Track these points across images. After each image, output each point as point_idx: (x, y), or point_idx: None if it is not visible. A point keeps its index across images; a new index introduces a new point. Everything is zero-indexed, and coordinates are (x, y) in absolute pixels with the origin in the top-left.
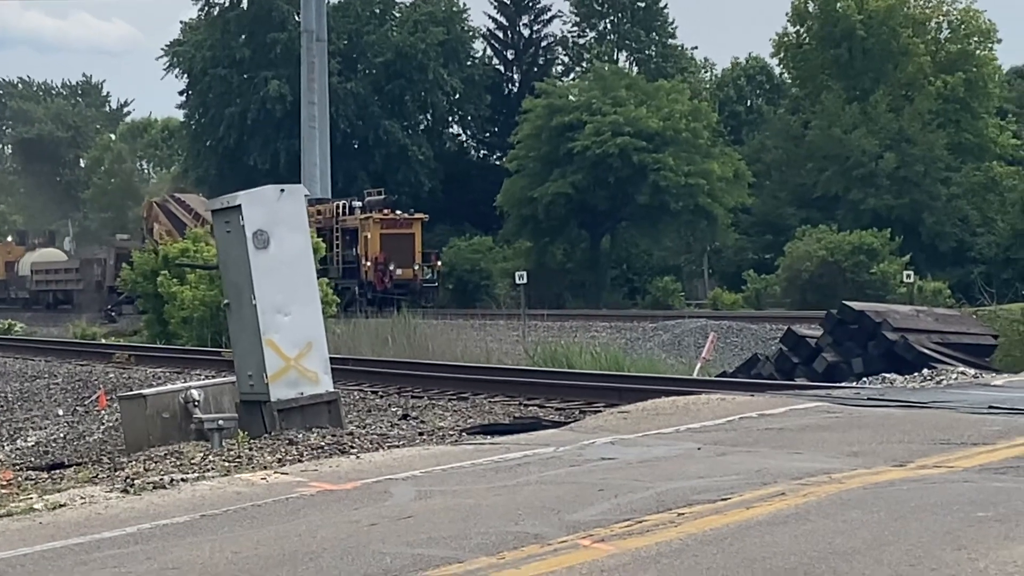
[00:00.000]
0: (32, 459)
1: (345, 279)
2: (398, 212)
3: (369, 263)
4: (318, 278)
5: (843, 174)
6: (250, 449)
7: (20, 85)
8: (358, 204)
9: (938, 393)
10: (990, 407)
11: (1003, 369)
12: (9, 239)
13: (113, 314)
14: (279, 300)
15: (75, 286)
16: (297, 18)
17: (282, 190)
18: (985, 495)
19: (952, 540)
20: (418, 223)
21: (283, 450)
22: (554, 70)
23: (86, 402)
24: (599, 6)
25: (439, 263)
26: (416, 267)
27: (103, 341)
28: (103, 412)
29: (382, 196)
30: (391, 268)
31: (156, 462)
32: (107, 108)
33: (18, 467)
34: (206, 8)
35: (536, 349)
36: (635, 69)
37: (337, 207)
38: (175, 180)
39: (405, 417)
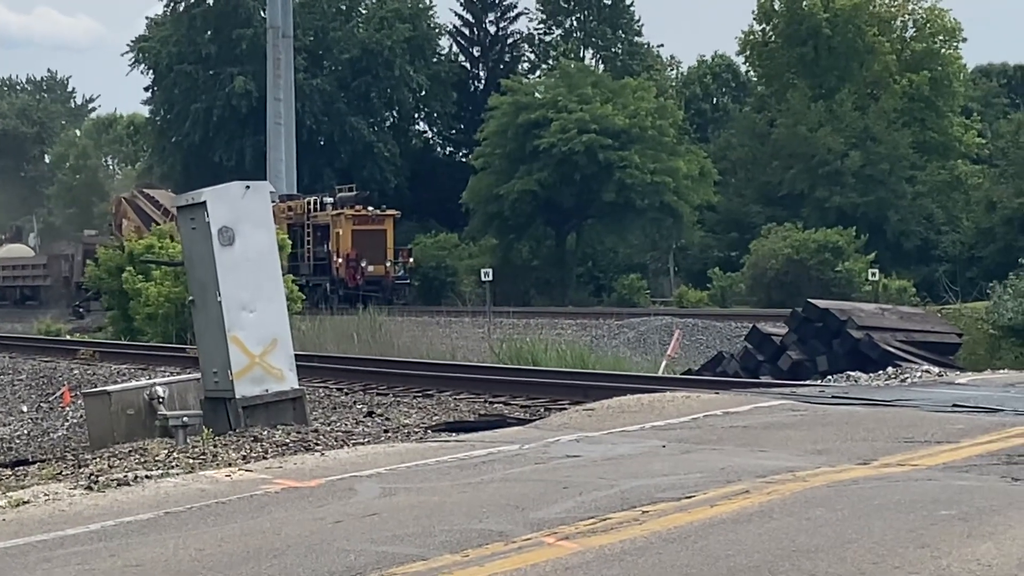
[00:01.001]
0: None
1: (316, 276)
2: (370, 208)
3: (341, 260)
4: (289, 275)
5: (809, 172)
6: (215, 446)
7: None
8: (330, 200)
9: (902, 391)
10: (954, 405)
11: (967, 367)
12: None
13: (81, 310)
14: (244, 297)
15: (42, 282)
16: (263, 14)
17: (247, 187)
18: (948, 493)
19: (915, 538)
20: (390, 219)
21: (248, 447)
22: (520, 67)
23: (50, 399)
24: (565, 3)
25: (411, 260)
26: (388, 264)
27: (68, 337)
28: (67, 409)
29: (354, 192)
30: (363, 265)
31: (120, 459)
32: (72, 104)
33: None
34: (172, 4)
35: (501, 346)
36: (601, 67)
37: (308, 203)
38: (140, 176)
39: (370, 414)
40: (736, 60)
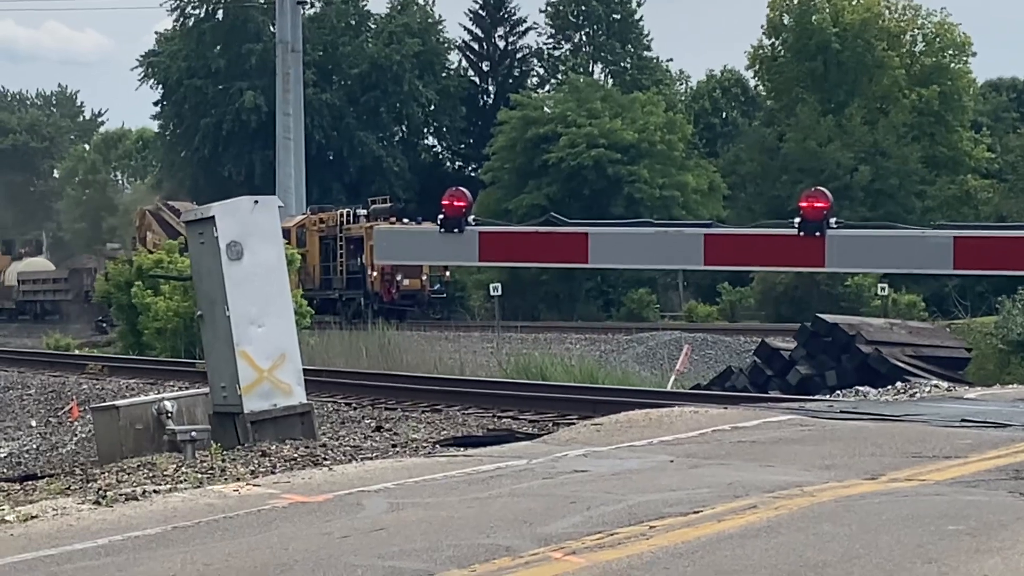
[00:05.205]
0: (4, 470)
1: (350, 290)
2: (405, 220)
3: (375, 273)
4: (321, 289)
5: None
6: (223, 461)
7: None
8: (363, 212)
9: (911, 406)
10: (963, 420)
11: (976, 382)
12: None
13: (104, 325)
14: (252, 312)
15: (63, 296)
16: (272, 29)
17: (256, 201)
18: (956, 508)
19: (923, 553)
20: None
21: (256, 462)
22: (529, 82)
23: (59, 413)
24: (574, 18)
25: (447, 273)
26: (424, 277)
27: (77, 352)
28: (76, 423)
29: (388, 204)
30: (398, 279)
31: (129, 474)
32: (81, 118)
33: None
34: (181, 19)
35: (510, 361)
36: (610, 81)
37: (341, 215)
38: (150, 191)
39: (378, 429)
40: (745, 74)
